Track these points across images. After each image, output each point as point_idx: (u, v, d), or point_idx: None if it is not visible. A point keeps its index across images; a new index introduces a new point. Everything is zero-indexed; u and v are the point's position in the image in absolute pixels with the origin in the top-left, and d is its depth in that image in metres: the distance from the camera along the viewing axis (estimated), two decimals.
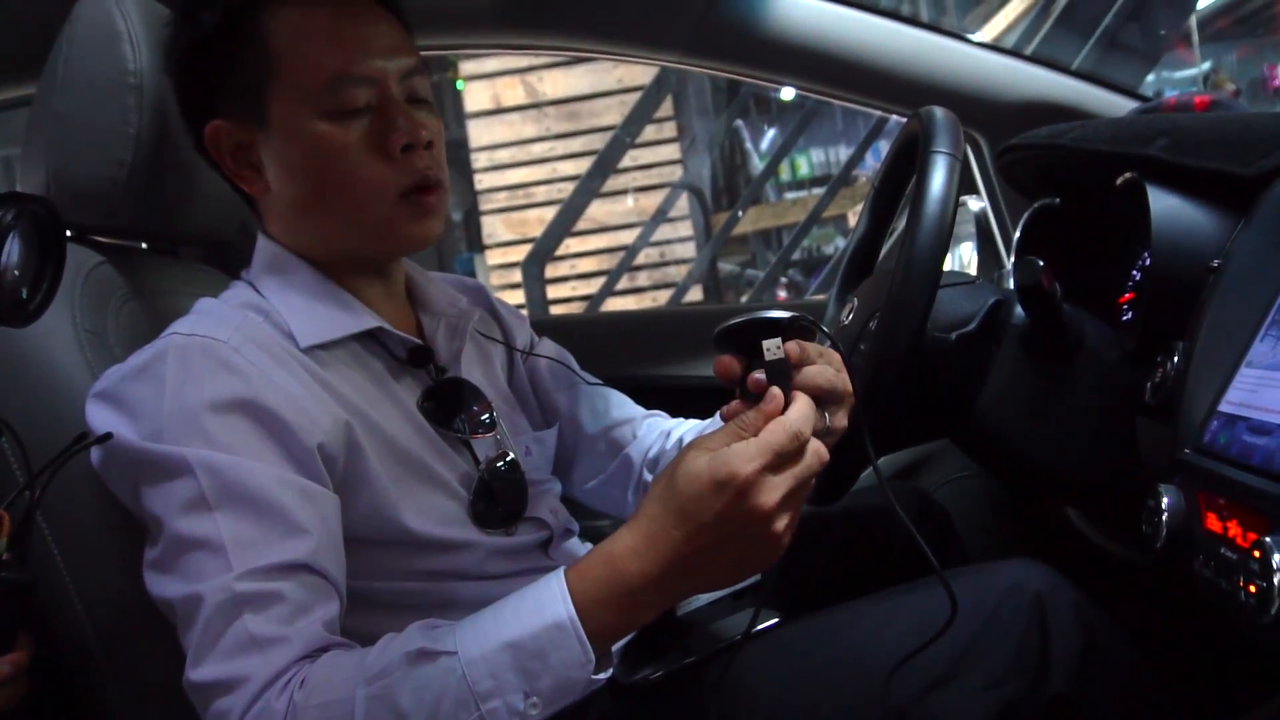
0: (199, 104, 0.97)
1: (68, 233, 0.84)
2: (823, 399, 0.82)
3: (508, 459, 1.01)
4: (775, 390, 0.76)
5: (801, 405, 0.75)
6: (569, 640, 0.74)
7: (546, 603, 0.75)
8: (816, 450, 0.74)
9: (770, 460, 0.72)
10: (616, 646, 0.98)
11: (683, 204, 5.55)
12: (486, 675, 0.73)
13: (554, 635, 0.74)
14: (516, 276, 5.12)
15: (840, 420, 0.86)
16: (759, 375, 0.77)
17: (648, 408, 1.23)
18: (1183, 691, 1.01)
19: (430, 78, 1.00)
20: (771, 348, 0.78)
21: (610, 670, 0.79)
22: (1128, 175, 0.99)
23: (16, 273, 0.71)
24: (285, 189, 0.95)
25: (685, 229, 5.59)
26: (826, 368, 0.83)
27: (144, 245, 1.18)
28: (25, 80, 1.31)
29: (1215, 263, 0.86)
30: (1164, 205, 0.94)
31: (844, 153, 7.08)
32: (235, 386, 0.84)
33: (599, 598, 0.75)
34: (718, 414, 0.82)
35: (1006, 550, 0.94)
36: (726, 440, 0.74)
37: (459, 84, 5.58)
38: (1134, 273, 1.11)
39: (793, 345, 0.80)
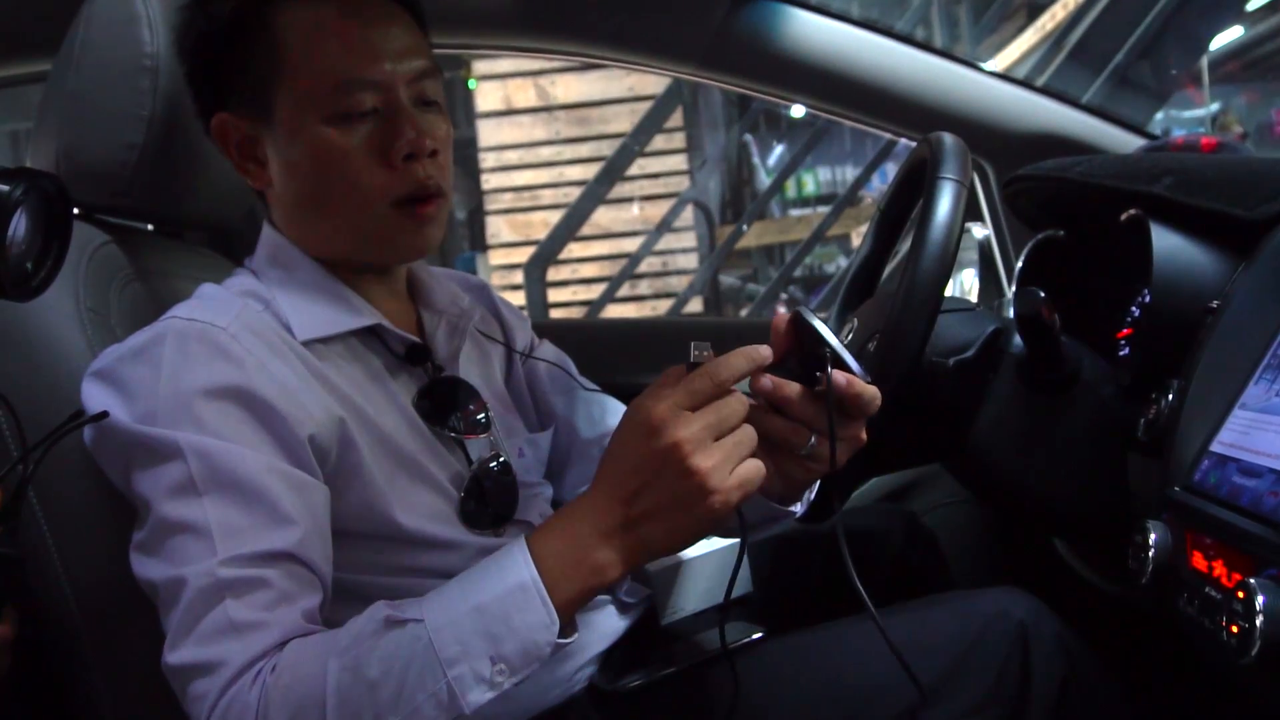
0: (208, 95, 0.97)
1: (75, 210, 0.84)
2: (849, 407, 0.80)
3: (500, 460, 1.01)
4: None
5: (730, 356, 0.76)
6: (532, 601, 0.75)
7: (509, 567, 0.77)
8: (745, 399, 0.75)
9: (682, 399, 0.73)
10: (596, 651, 0.98)
11: (687, 215, 5.56)
12: (453, 640, 0.74)
13: (517, 597, 0.75)
14: (518, 278, 5.13)
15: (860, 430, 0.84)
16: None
17: None
18: None
19: (443, 75, 1.00)
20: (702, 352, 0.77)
21: (574, 637, 0.79)
22: (1132, 212, 1.00)
23: (23, 247, 0.71)
24: (287, 187, 0.95)
25: (689, 240, 5.61)
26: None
27: (150, 227, 1.18)
28: (41, 56, 1.31)
29: (1214, 303, 0.87)
30: (1166, 244, 0.94)
31: (850, 173, 7.11)
32: (230, 374, 0.84)
33: (558, 557, 0.76)
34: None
35: (992, 578, 0.94)
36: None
37: (471, 83, 5.59)
38: (1133, 309, 1.12)
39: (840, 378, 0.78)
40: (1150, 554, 0.77)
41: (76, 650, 0.91)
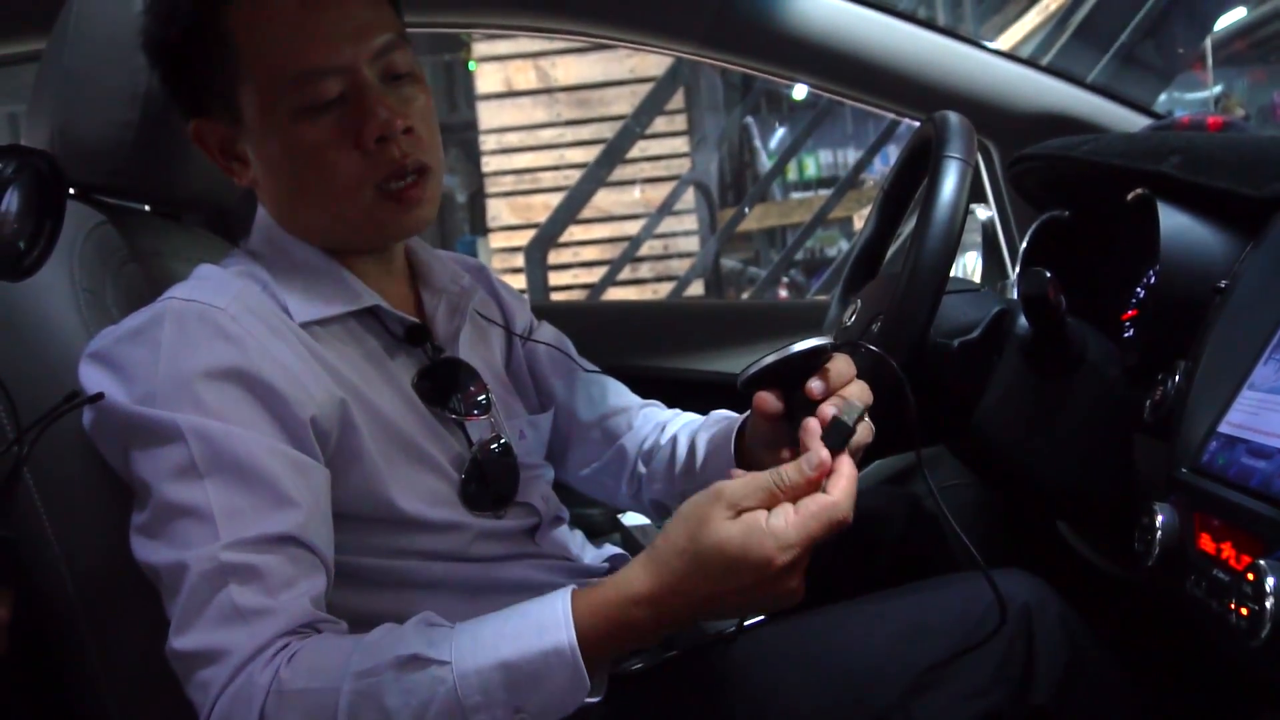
0: (182, 100, 0.95)
1: (70, 190, 0.83)
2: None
3: (501, 442, 1.00)
4: (824, 455, 0.74)
5: (847, 484, 0.73)
6: (566, 667, 0.73)
7: (549, 626, 0.74)
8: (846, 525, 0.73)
9: (805, 549, 0.71)
10: None
11: (689, 197, 5.54)
12: (478, 690, 0.72)
13: (551, 660, 0.73)
14: (519, 261, 5.12)
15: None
16: (814, 428, 0.78)
17: (644, 399, 1.23)
18: (1166, 710, 1.01)
19: (442, 55, 0.98)
20: (846, 412, 0.77)
21: (602, 694, 0.78)
22: (1138, 191, 0.99)
23: (15, 226, 0.70)
24: (269, 183, 0.94)
25: (690, 223, 5.59)
26: (858, 382, 0.84)
27: (146, 207, 1.17)
28: (35, 35, 1.30)
29: (1222, 283, 0.86)
30: (1174, 223, 0.93)
31: (852, 155, 7.08)
32: (230, 355, 0.83)
33: (603, 631, 0.74)
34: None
35: (995, 560, 0.93)
36: (759, 498, 0.72)
37: (471, 65, 5.56)
38: (1138, 290, 1.11)
39: (816, 384, 0.82)
40: (1157, 536, 0.76)
41: (73, 633, 0.90)
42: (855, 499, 0.73)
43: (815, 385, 0.83)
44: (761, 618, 0.99)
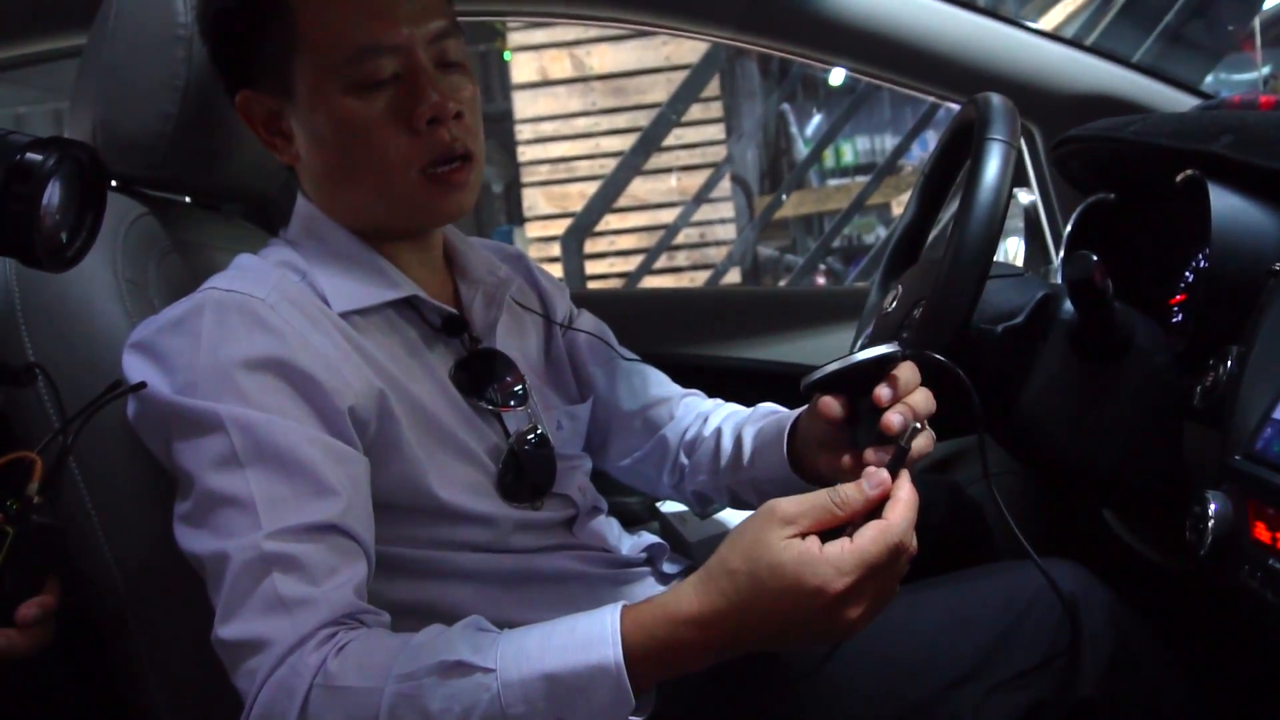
0: (232, 72, 0.96)
1: (112, 182, 0.84)
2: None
3: (537, 433, 1.00)
4: (884, 475, 0.72)
5: (905, 509, 0.71)
6: (611, 683, 0.71)
7: (595, 642, 0.72)
8: (909, 553, 0.71)
9: (864, 575, 0.69)
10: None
11: (725, 185, 5.51)
12: (520, 699, 0.71)
13: (597, 676, 0.71)
14: (555, 250, 5.12)
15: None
16: (877, 453, 0.81)
17: (683, 387, 1.22)
18: (1215, 703, 0.99)
19: (478, 46, 0.98)
20: (906, 435, 0.77)
21: (649, 711, 0.77)
22: (1188, 172, 0.96)
23: (57, 217, 0.71)
24: (313, 159, 0.94)
25: (726, 210, 5.56)
26: (923, 390, 0.84)
27: (187, 199, 1.18)
28: (76, 30, 1.31)
29: (1277, 265, 0.84)
30: (1225, 204, 0.91)
31: (889, 141, 7.02)
32: (270, 345, 0.84)
33: (650, 650, 0.72)
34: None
35: (1040, 550, 0.92)
36: (815, 516, 0.70)
37: (506, 55, 5.56)
38: (1187, 274, 1.08)
39: (885, 391, 0.82)
40: (1209, 525, 0.74)
41: (119, 620, 0.92)
42: (914, 525, 0.71)
43: (884, 392, 0.82)
44: None
